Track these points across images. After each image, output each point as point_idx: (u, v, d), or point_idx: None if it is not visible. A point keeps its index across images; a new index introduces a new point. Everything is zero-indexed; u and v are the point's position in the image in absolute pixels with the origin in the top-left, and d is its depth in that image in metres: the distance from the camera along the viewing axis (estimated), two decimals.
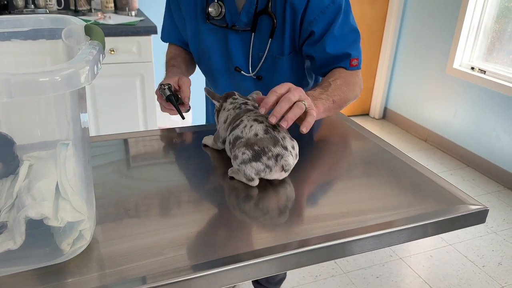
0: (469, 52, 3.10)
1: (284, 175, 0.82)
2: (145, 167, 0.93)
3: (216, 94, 0.97)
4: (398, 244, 0.74)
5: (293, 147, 0.81)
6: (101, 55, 0.57)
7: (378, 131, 3.67)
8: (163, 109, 1.10)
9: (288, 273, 1.92)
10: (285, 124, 0.79)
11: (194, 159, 0.96)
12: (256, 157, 0.78)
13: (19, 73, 0.45)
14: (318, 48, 1.09)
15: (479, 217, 0.80)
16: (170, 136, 1.09)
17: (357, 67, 1.13)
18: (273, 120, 0.79)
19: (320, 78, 1.23)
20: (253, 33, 1.13)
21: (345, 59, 1.11)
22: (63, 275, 0.61)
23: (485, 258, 2.19)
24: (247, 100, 0.93)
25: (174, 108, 1.05)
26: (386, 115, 3.93)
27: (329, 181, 0.88)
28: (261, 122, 0.82)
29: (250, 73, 1.18)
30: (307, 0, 1.05)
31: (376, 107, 3.94)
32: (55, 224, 0.61)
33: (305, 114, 0.83)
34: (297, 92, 0.84)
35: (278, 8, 1.09)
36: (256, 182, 0.81)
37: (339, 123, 1.18)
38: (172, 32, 1.29)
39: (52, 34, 0.80)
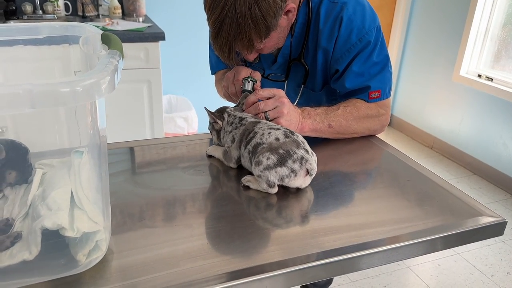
0: (476, 60, 3.09)
1: (307, 181, 0.82)
2: (156, 175, 0.92)
3: (217, 114, 0.96)
4: (416, 256, 0.73)
5: (312, 153, 0.81)
6: (120, 64, 0.56)
7: (384, 138, 3.64)
8: (227, 95, 1.14)
9: None
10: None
11: (204, 167, 0.95)
12: (282, 161, 0.78)
13: (41, 84, 0.44)
14: (339, 84, 1.11)
15: (497, 229, 0.79)
16: (178, 144, 1.08)
17: (379, 98, 1.11)
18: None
19: None
20: (286, 81, 1.17)
21: (364, 92, 1.10)
22: (78, 287, 0.60)
23: (494, 267, 2.17)
24: (241, 114, 0.93)
25: (236, 98, 1.08)
26: (391, 122, 3.92)
27: (345, 191, 0.87)
28: (278, 129, 0.83)
29: None
30: (335, 41, 1.06)
31: None
32: (71, 234, 0.60)
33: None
34: (272, 103, 0.94)
35: (310, 53, 1.11)
36: (275, 190, 0.80)
37: None
38: (220, 62, 1.30)
39: (66, 41, 0.80)
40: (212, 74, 1.36)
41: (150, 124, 2.45)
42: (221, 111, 0.96)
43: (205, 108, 0.96)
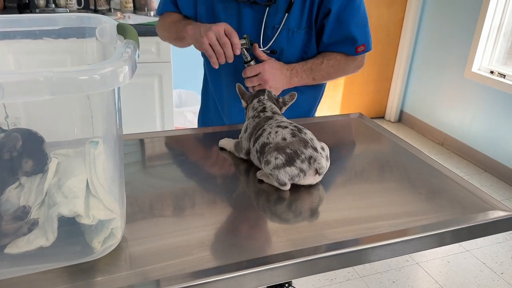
0: (488, 56, 3.05)
1: (317, 179, 0.81)
2: (169, 166, 0.93)
3: (247, 93, 0.97)
4: (428, 249, 0.73)
5: (322, 149, 0.81)
6: (136, 54, 0.57)
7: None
8: (216, 61, 1.04)
9: None
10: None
11: (216, 160, 0.95)
12: (290, 161, 0.77)
13: (61, 71, 0.45)
14: (332, 27, 1.11)
15: (509, 224, 0.78)
16: (190, 136, 1.09)
17: (364, 51, 1.15)
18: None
19: None
20: (268, 7, 1.10)
21: (350, 45, 1.13)
22: (93, 273, 0.61)
23: (504, 265, 2.16)
24: (266, 105, 0.92)
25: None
26: (402, 118, 3.89)
27: (356, 184, 0.87)
28: (286, 127, 0.82)
29: (262, 48, 1.15)
30: None
31: (392, 110, 3.90)
32: (87, 222, 0.61)
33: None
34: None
35: None
36: (288, 187, 0.80)
37: (364, 126, 1.17)
38: (169, 4, 1.23)
39: (82, 32, 0.80)
40: (160, 12, 1.27)
41: (160, 118, 2.46)
42: (257, 94, 0.95)
43: (238, 84, 0.98)
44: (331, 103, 3.72)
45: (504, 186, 2.89)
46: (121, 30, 0.66)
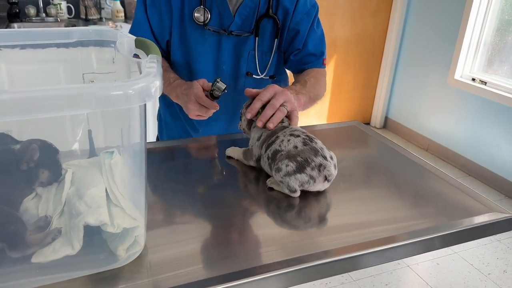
0: (470, 64, 3.15)
1: (326, 185, 0.85)
2: (183, 174, 0.95)
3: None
4: (418, 254, 0.76)
5: (331, 157, 0.84)
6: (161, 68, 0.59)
7: None
8: (201, 108, 1.01)
9: None
10: (271, 125, 0.90)
11: (225, 168, 0.98)
12: (300, 168, 0.81)
13: (102, 86, 0.48)
14: (301, 45, 1.21)
15: (507, 224, 0.83)
16: (201, 145, 1.11)
17: (325, 64, 1.29)
18: (259, 124, 0.92)
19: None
20: (256, 37, 1.17)
21: (319, 58, 1.25)
22: (117, 281, 0.62)
23: (490, 266, 2.23)
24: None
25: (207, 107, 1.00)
26: (387, 125, 3.98)
27: (360, 190, 0.91)
28: (298, 136, 0.85)
29: (260, 75, 1.21)
30: (295, 3, 1.16)
31: (377, 117, 3.99)
32: (112, 230, 0.62)
33: (288, 116, 0.96)
34: (281, 97, 0.94)
35: (273, 11, 1.18)
36: (297, 194, 0.83)
37: (362, 133, 1.21)
38: (143, 28, 1.16)
39: (98, 45, 0.82)
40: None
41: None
42: None
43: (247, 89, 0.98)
44: (319, 109, 3.78)
45: (488, 189, 2.98)
46: (140, 44, 0.68)
